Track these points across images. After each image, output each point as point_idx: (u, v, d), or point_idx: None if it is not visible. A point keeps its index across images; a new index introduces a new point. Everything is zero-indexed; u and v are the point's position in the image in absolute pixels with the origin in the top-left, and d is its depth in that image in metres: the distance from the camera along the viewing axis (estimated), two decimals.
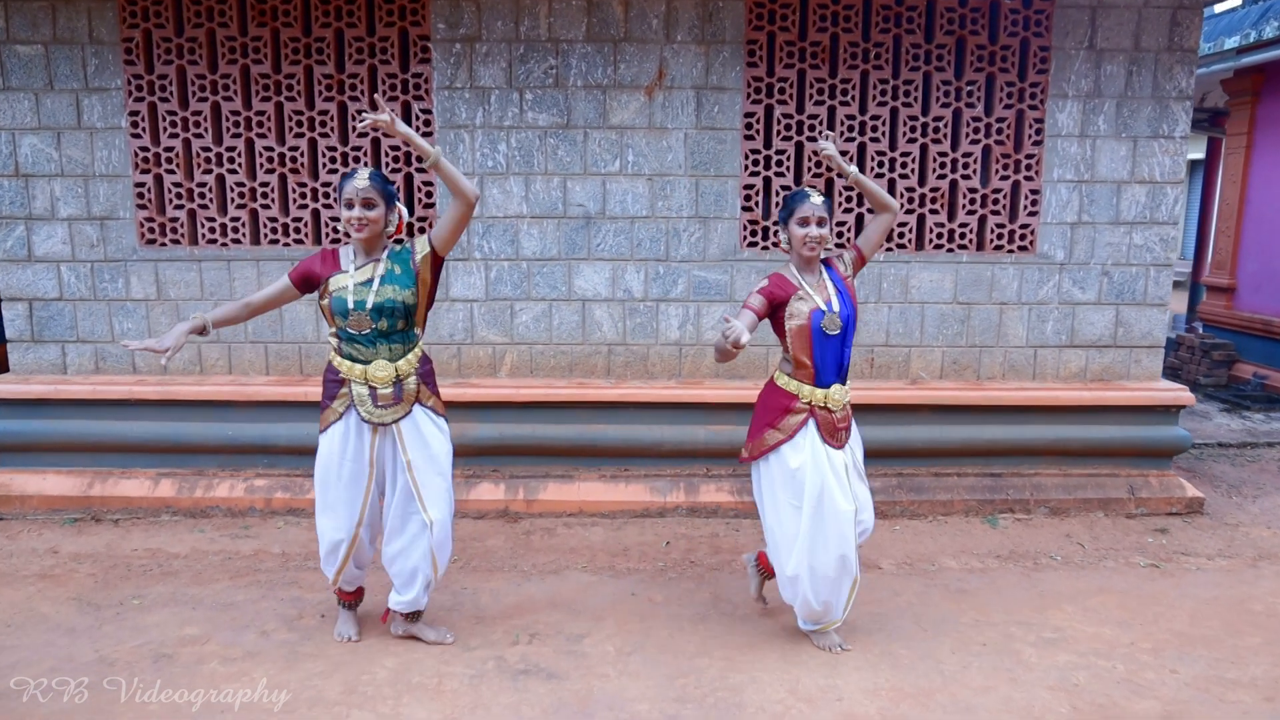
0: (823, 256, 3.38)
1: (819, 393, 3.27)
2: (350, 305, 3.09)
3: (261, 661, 3.36)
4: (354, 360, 3.17)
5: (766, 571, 3.67)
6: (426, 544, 3.27)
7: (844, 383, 3.33)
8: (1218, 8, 8.82)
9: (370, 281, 3.11)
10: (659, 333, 5.02)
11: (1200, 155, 11.94)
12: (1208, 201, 10.69)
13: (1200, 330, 9.03)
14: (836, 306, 3.25)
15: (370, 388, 3.16)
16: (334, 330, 3.19)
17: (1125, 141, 4.89)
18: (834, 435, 3.30)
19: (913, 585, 4.11)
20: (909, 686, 3.22)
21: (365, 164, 4.87)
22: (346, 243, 3.33)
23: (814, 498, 3.25)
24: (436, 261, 3.19)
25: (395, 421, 3.21)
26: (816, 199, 3.21)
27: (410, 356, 3.21)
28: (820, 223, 3.20)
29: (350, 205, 3.06)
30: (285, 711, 3.02)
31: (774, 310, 3.27)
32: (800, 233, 3.22)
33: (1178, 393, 5.02)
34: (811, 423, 3.28)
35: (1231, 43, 7.72)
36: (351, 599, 3.52)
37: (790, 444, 3.27)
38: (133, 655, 3.40)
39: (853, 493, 3.33)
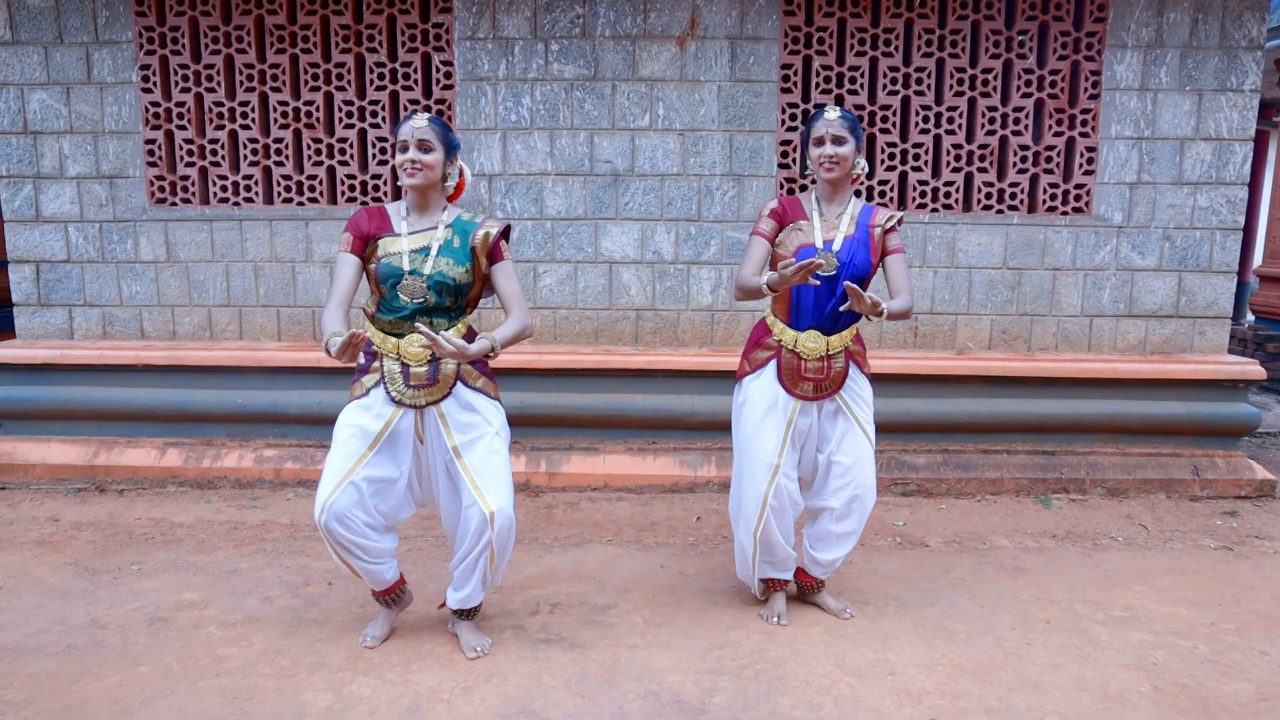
0: (864, 196, 3.09)
1: (790, 334, 2.99)
2: (406, 270, 2.71)
3: (262, 627, 3.12)
4: (387, 333, 2.79)
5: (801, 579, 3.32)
6: (488, 539, 2.77)
7: (829, 333, 2.97)
8: None
9: (426, 250, 2.74)
10: (690, 297, 4.75)
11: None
12: (1254, 196, 10.26)
13: (1253, 322, 8.63)
14: (837, 246, 2.90)
15: (403, 365, 2.77)
16: (375, 297, 2.82)
17: (1189, 95, 4.57)
18: (795, 383, 3.00)
19: (964, 562, 3.80)
20: (968, 662, 2.92)
21: (384, 120, 4.66)
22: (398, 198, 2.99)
23: (746, 435, 3.06)
24: (487, 257, 2.82)
25: (431, 404, 2.80)
26: (832, 114, 2.87)
27: (451, 333, 2.73)
28: (837, 140, 2.86)
29: (405, 148, 2.70)
30: (283, 675, 2.78)
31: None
32: (816, 152, 2.90)
33: (1246, 366, 4.67)
34: (773, 363, 3.03)
35: None
36: (386, 594, 3.01)
37: (752, 376, 3.08)
38: (126, 618, 3.19)
39: (796, 457, 3.08)
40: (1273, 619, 3.29)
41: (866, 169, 3.13)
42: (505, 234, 2.85)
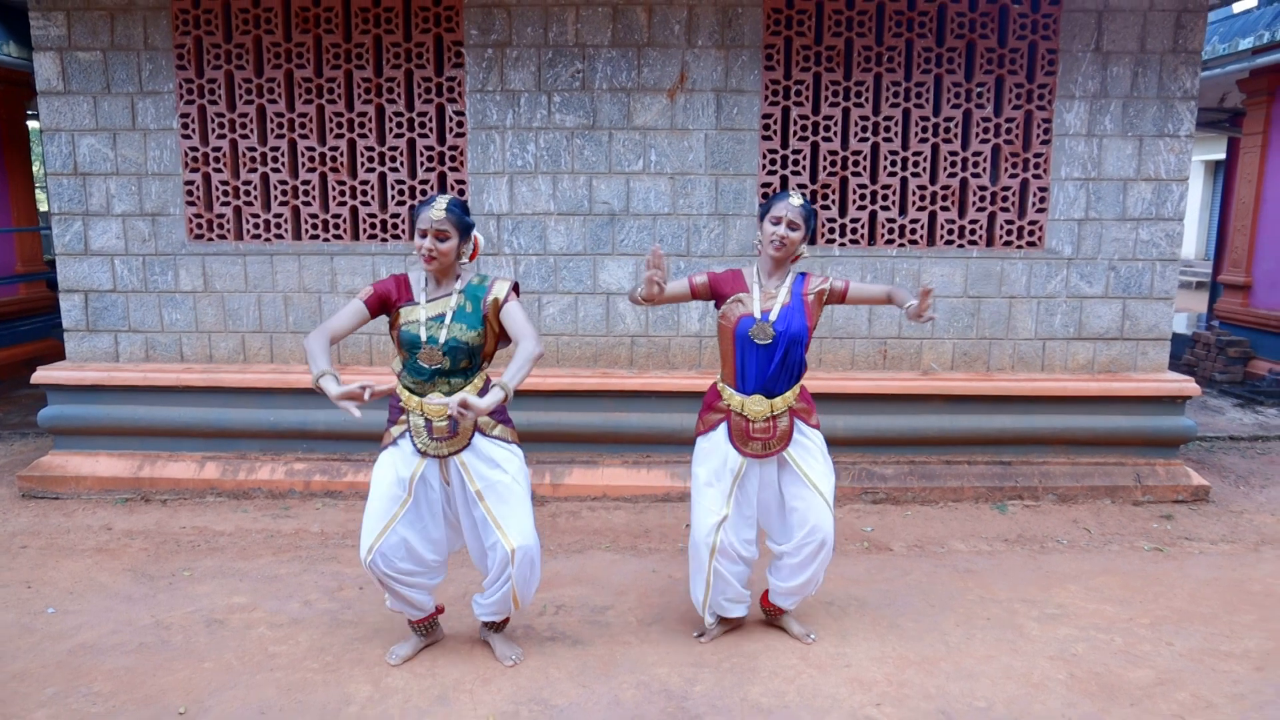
0: (803, 269, 3.27)
1: (736, 398, 3.22)
2: (423, 339, 2.97)
3: (306, 627, 3.59)
4: (411, 391, 3.06)
5: (766, 607, 3.60)
6: (509, 574, 3.10)
7: (773, 396, 3.20)
8: (1235, 8, 8.89)
9: (442, 317, 2.99)
10: (680, 325, 5.22)
11: (1222, 156, 11.98)
12: (1229, 201, 10.71)
13: (1217, 328, 9.10)
14: (774, 317, 3.14)
15: (426, 420, 3.04)
16: (400, 358, 3.10)
17: (1131, 140, 5.04)
18: (745, 442, 3.24)
19: (922, 566, 4.28)
20: (914, 655, 3.40)
21: (402, 164, 5.12)
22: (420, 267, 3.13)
23: (697, 490, 3.37)
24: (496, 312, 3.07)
25: (452, 455, 3.08)
26: (795, 200, 3.11)
27: (468, 389, 3.01)
28: (791, 225, 3.10)
29: (423, 235, 2.95)
30: (328, 670, 3.25)
31: (716, 300, 3.28)
32: (769, 230, 3.13)
33: (1183, 383, 5.16)
34: (724, 425, 3.27)
35: (1246, 43, 7.80)
36: (420, 623, 3.34)
37: (704, 437, 3.35)
38: (187, 620, 3.65)
39: (749, 513, 3.35)
40: (1184, 614, 3.77)
41: (806, 254, 3.33)
42: (514, 290, 3.10)
